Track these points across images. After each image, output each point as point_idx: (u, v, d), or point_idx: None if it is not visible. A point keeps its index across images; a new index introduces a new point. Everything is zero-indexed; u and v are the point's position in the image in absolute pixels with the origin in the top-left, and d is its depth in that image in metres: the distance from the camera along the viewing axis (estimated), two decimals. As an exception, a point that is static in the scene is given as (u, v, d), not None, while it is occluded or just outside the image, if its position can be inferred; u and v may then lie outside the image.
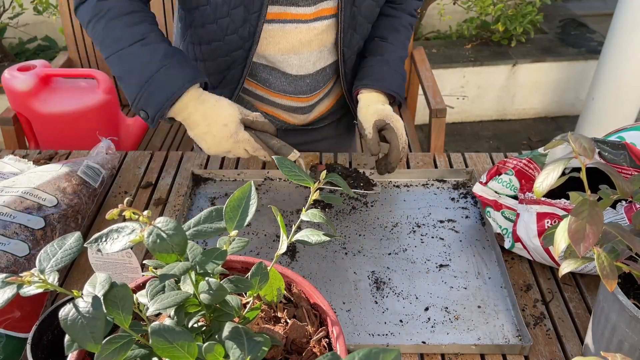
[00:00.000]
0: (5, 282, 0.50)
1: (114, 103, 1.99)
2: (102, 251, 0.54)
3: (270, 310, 0.71)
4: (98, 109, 1.91)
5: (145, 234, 0.52)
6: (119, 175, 1.22)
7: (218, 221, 0.59)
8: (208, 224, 0.59)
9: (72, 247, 0.54)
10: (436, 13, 3.41)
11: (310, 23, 1.10)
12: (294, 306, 0.72)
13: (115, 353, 0.52)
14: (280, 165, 0.64)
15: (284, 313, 0.70)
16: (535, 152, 1.01)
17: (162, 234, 0.52)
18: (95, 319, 0.49)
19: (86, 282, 0.54)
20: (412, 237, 1.04)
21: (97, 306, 0.50)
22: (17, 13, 3.20)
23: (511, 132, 3.29)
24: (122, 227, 0.54)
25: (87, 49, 2.22)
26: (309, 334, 0.67)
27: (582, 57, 3.22)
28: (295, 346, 0.67)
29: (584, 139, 0.62)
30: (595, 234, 0.58)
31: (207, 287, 0.57)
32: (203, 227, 0.59)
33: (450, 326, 0.87)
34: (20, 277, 0.50)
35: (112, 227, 0.55)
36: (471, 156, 1.25)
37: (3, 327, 0.80)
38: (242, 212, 0.60)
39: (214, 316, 0.60)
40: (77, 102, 1.89)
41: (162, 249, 0.52)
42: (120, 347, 0.52)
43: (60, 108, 1.87)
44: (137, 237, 0.52)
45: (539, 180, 0.63)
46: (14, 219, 0.90)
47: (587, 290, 0.93)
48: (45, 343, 0.74)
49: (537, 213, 0.91)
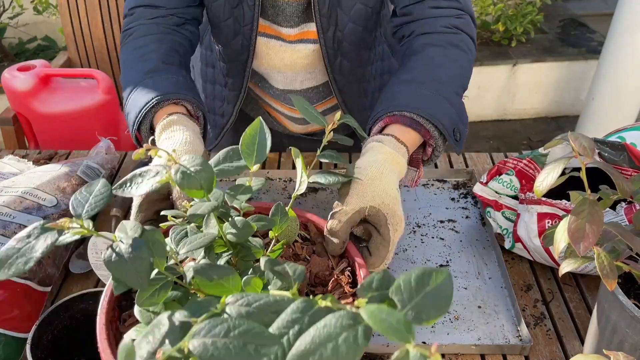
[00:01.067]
0: (44, 228, 0.50)
1: (114, 103, 1.99)
2: (129, 194, 0.54)
3: (289, 249, 0.73)
4: (98, 108, 1.91)
5: (173, 172, 0.53)
6: (118, 175, 1.22)
7: (237, 160, 0.62)
8: (228, 163, 0.60)
9: (101, 192, 0.55)
10: (436, 13, 3.41)
11: (294, 44, 1.05)
12: (311, 244, 0.73)
13: (155, 294, 0.53)
14: (296, 102, 0.67)
15: (303, 250, 0.72)
16: (536, 152, 1.01)
17: (189, 170, 0.53)
18: (140, 258, 0.50)
19: (116, 229, 0.54)
20: (412, 237, 1.04)
21: (138, 246, 0.51)
22: (17, 13, 3.20)
23: (511, 132, 3.29)
24: (145, 171, 0.55)
25: (86, 49, 2.22)
26: (331, 266, 0.69)
27: (582, 57, 3.22)
28: (318, 279, 0.69)
29: (584, 139, 0.62)
30: (595, 234, 0.58)
31: (233, 226, 0.59)
32: (224, 166, 0.62)
33: (450, 326, 0.87)
34: (59, 223, 0.50)
35: (136, 172, 0.56)
36: (471, 156, 1.25)
37: (3, 327, 0.80)
38: (258, 146, 0.62)
39: (240, 256, 0.61)
40: (77, 102, 1.89)
41: (190, 185, 0.53)
42: (160, 287, 0.54)
43: (60, 108, 1.87)
44: (164, 177, 0.53)
45: (539, 180, 0.63)
46: (13, 219, 0.90)
47: (587, 290, 0.93)
48: (45, 343, 0.74)
49: (538, 213, 0.91)
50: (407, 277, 0.38)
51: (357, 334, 0.35)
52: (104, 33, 2.20)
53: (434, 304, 0.37)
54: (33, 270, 0.87)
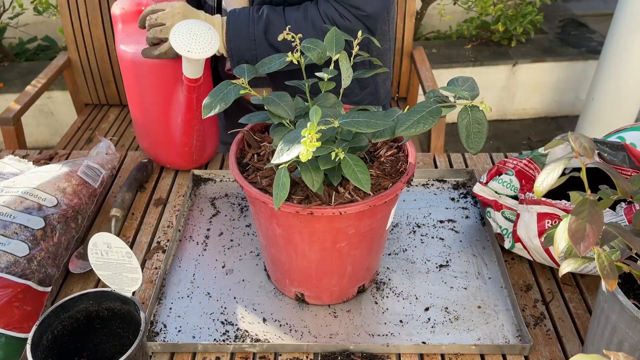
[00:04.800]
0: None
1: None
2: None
3: None
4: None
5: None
6: (119, 175, 1.22)
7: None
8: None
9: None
10: (436, 13, 3.41)
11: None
12: None
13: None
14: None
15: None
16: (536, 152, 1.01)
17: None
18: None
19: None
20: (412, 237, 1.04)
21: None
22: (17, 13, 3.20)
23: (511, 132, 3.29)
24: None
25: (87, 49, 2.22)
26: None
27: (582, 57, 3.21)
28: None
29: (584, 139, 0.62)
30: (595, 234, 0.58)
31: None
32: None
33: (450, 326, 0.87)
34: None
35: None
36: (471, 156, 1.25)
37: (3, 327, 0.80)
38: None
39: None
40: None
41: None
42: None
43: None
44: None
45: (539, 180, 0.62)
46: (14, 219, 0.90)
47: (587, 290, 0.93)
48: (45, 343, 0.74)
49: (538, 213, 0.91)
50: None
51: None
52: (104, 33, 2.20)
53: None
54: (33, 270, 0.87)
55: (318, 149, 0.69)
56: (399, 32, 2.20)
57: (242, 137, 0.90)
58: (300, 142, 0.65)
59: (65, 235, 0.95)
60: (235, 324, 0.88)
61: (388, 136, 0.73)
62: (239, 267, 0.99)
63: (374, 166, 0.83)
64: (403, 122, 0.68)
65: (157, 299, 0.93)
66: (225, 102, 0.74)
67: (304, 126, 0.66)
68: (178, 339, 0.86)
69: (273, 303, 0.92)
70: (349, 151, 0.73)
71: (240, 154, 0.88)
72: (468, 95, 0.69)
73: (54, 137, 3.15)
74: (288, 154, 0.67)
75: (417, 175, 1.18)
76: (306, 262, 0.84)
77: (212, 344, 0.84)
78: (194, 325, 0.88)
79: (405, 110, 0.71)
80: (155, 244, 1.04)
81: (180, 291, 0.94)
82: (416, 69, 2.17)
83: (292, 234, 0.80)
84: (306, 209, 0.73)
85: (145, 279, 0.97)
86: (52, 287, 0.91)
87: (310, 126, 0.64)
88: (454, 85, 0.71)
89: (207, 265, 0.99)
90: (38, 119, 3.08)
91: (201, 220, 1.09)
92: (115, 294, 0.77)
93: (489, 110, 0.67)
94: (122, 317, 0.78)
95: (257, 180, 0.81)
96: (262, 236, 0.87)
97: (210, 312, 0.90)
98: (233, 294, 0.93)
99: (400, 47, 2.22)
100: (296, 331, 0.87)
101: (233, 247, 1.03)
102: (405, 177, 0.79)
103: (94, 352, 0.80)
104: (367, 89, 1.32)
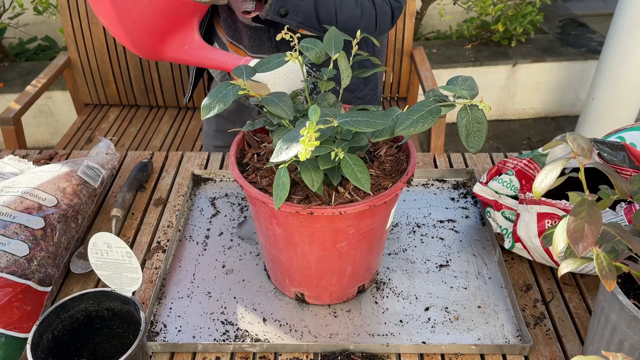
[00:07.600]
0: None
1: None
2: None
3: None
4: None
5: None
6: (119, 175, 1.22)
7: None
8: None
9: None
10: (436, 13, 3.41)
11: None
12: None
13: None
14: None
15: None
16: (536, 152, 1.01)
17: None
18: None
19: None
20: (412, 237, 1.04)
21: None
22: (17, 13, 3.20)
23: (511, 132, 3.29)
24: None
25: (87, 49, 2.22)
26: None
27: (582, 57, 3.21)
28: None
29: (582, 139, 0.62)
30: (593, 234, 0.58)
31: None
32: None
33: (450, 326, 0.87)
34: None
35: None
36: (471, 156, 1.25)
37: (3, 327, 0.80)
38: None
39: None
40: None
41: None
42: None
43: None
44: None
45: (537, 180, 0.63)
46: (14, 219, 0.90)
47: (587, 290, 0.93)
48: (45, 343, 0.74)
49: (538, 213, 0.91)
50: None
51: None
52: (104, 33, 2.20)
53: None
54: (33, 270, 0.87)
55: (318, 149, 0.69)
56: (399, 32, 2.20)
57: (242, 137, 0.90)
58: (299, 141, 0.65)
59: (65, 235, 0.96)
60: (235, 323, 0.88)
61: (388, 135, 0.73)
62: (239, 267, 0.99)
63: (373, 166, 0.83)
64: (402, 121, 0.68)
65: (157, 298, 0.93)
66: (224, 103, 0.75)
67: (303, 125, 0.66)
68: (178, 339, 0.86)
69: (273, 303, 0.92)
70: (349, 151, 0.73)
71: (240, 154, 0.88)
72: (467, 94, 0.69)
73: (54, 137, 3.15)
74: (287, 153, 0.67)
75: (417, 175, 1.18)
76: (306, 262, 0.84)
77: (212, 343, 0.84)
78: (194, 325, 0.88)
79: (404, 110, 0.71)
80: (155, 243, 1.04)
81: (180, 291, 0.94)
82: (416, 69, 2.17)
83: (292, 234, 0.80)
84: (306, 209, 0.74)
85: (145, 278, 0.97)
86: (52, 287, 0.91)
87: (309, 125, 0.64)
88: (453, 84, 0.71)
89: (207, 265, 0.99)
90: (38, 119, 3.08)
91: (201, 220, 1.09)
92: (115, 294, 0.77)
93: (489, 109, 0.67)
94: (122, 317, 0.78)
95: (257, 180, 0.81)
96: (262, 236, 0.87)
97: (210, 312, 0.90)
98: (233, 293, 0.93)
99: (400, 47, 2.22)
100: (296, 331, 0.87)
101: (233, 247, 1.03)
102: (405, 177, 0.79)
103: (94, 352, 0.80)
104: (369, 84, 1.34)
